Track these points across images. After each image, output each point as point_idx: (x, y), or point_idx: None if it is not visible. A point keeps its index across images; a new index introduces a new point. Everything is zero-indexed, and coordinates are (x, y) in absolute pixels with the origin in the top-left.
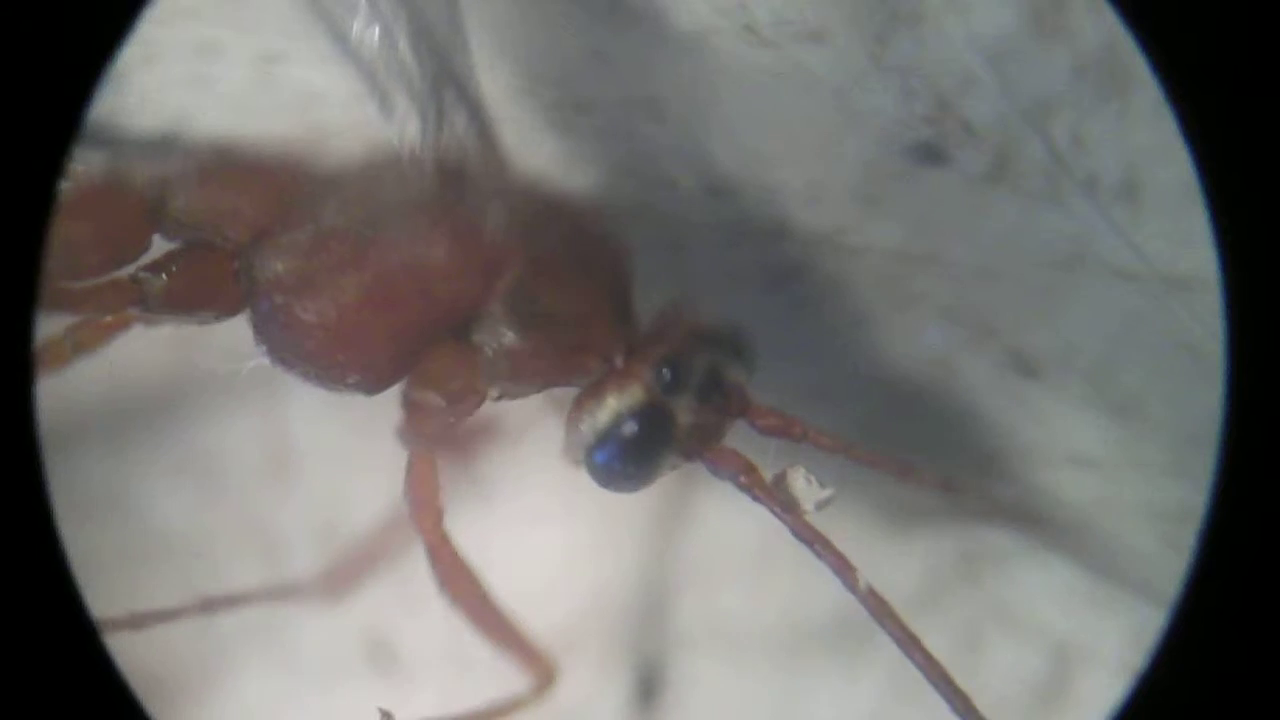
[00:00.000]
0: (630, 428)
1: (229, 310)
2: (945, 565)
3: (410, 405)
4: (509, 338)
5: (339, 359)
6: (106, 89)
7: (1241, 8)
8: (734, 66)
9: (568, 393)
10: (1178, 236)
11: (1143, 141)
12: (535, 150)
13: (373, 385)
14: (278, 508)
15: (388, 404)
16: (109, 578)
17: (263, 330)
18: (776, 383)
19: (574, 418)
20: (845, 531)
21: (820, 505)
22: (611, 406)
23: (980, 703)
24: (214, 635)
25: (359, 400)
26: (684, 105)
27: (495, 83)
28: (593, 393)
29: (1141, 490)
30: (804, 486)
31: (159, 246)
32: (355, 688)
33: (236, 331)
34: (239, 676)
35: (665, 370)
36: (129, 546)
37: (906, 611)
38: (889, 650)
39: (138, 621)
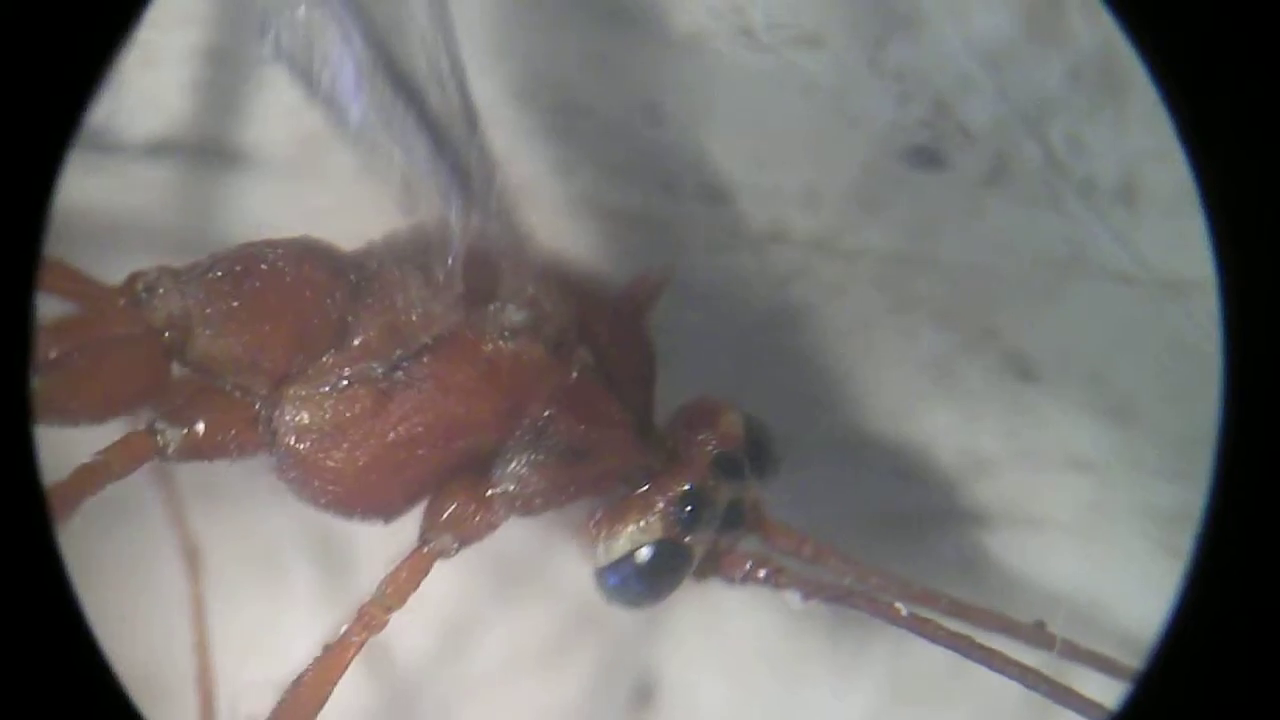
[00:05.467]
0: (646, 557)
1: (248, 454)
2: (942, 570)
3: (425, 537)
4: (529, 474)
5: (358, 501)
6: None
7: (1238, 10)
8: (731, 70)
9: None
10: (1175, 240)
11: (1140, 145)
12: (531, 155)
13: (388, 519)
14: (272, 516)
15: None
16: (104, 585)
17: (283, 473)
18: (775, 391)
19: (590, 534)
20: (844, 540)
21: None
22: (631, 535)
23: (978, 708)
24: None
25: None
26: (682, 109)
27: (493, 86)
28: (612, 516)
29: (1139, 493)
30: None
31: None
32: None
33: None
34: None
35: (686, 508)
36: (123, 555)
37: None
38: (884, 658)
39: None
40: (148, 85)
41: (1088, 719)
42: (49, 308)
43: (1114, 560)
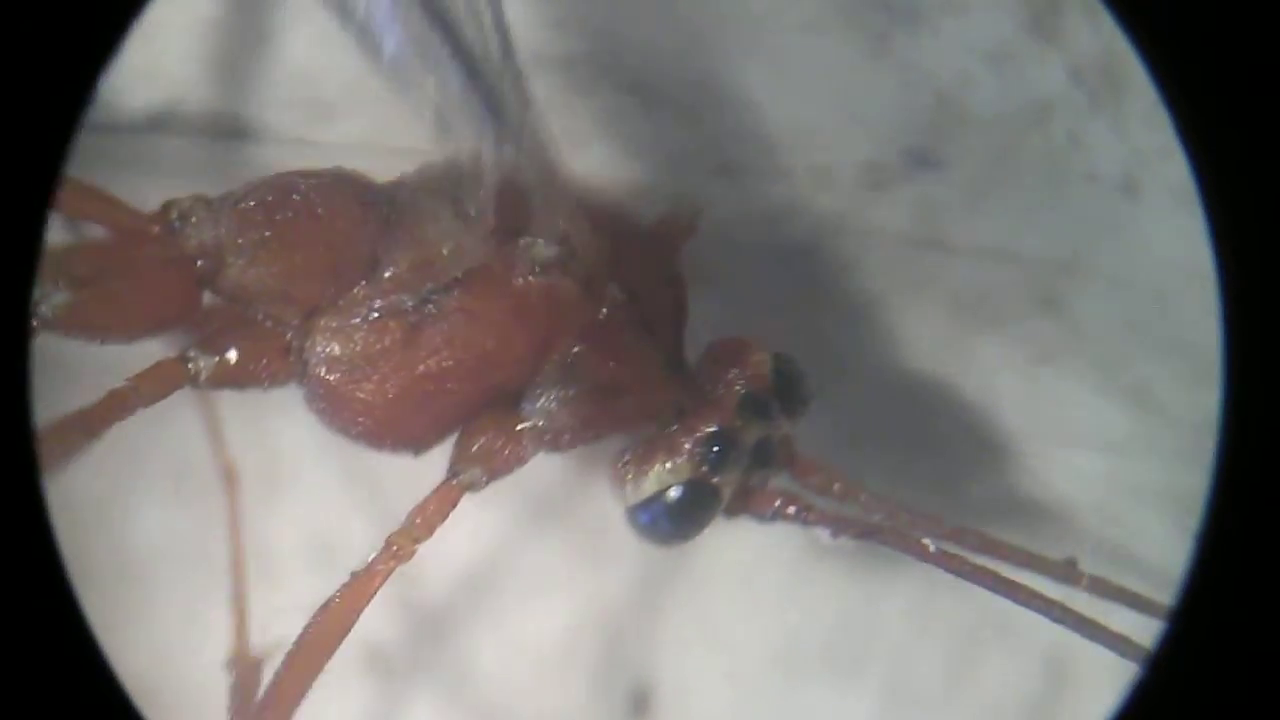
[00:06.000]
0: (675, 496)
1: (279, 383)
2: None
3: (454, 469)
4: (559, 410)
5: (388, 433)
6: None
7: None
8: (736, 54)
9: None
10: (1178, 232)
11: (1141, 142)
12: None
13: (418, 451)
14: (268, 520)
15: None
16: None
17: (313, 403)
18: None
19: (620, 473)
20: (841, 543)
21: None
22: (658, 475)
23: (977, 711)
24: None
25: None
26: (688, 90)
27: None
28: (640, 455)
29: (1157, 475)
30: None
31: None
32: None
33: None
34: None
35: (714, 448)
36: (119, 560)
37: (904, 620)
38: (883, 660)
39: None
40: (149, 57)
41: (1120, 655)
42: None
43: (1133, 541)
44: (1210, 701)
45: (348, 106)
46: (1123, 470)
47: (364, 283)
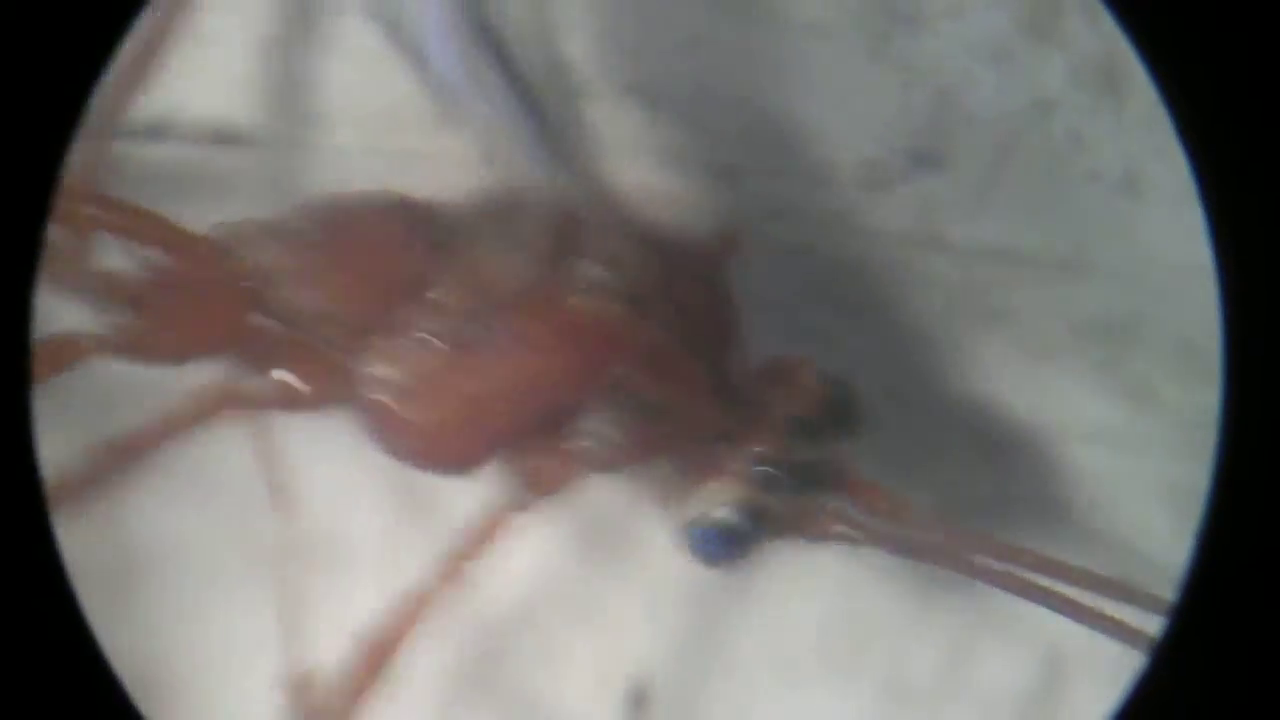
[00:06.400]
0: (723, 519)
1: (329, 405)
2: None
3: (504, 490)
4: (610, 432)
5: (437, 454)
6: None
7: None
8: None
9: None
10: (1178, 230)
11: (1141, 139)
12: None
13: (468, 473)
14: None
15: None
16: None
17: (363, 424)
18: None
19: (668, 493)
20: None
21: None
22: (709, 497)
23: (974, 709)
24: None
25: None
26: (682, 91)
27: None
28: (689, 476)
29: (1158, 471)
30: None
31: None
32: None
33: None
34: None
35: (764, 469)
36: (122, 560)
37: (900, 618)
38: (882, 659)
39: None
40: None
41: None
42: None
43: (1134, 537)
44: (1210, 700)
45: (345, 111)
46: (1123, 467)
47: (414, 304)
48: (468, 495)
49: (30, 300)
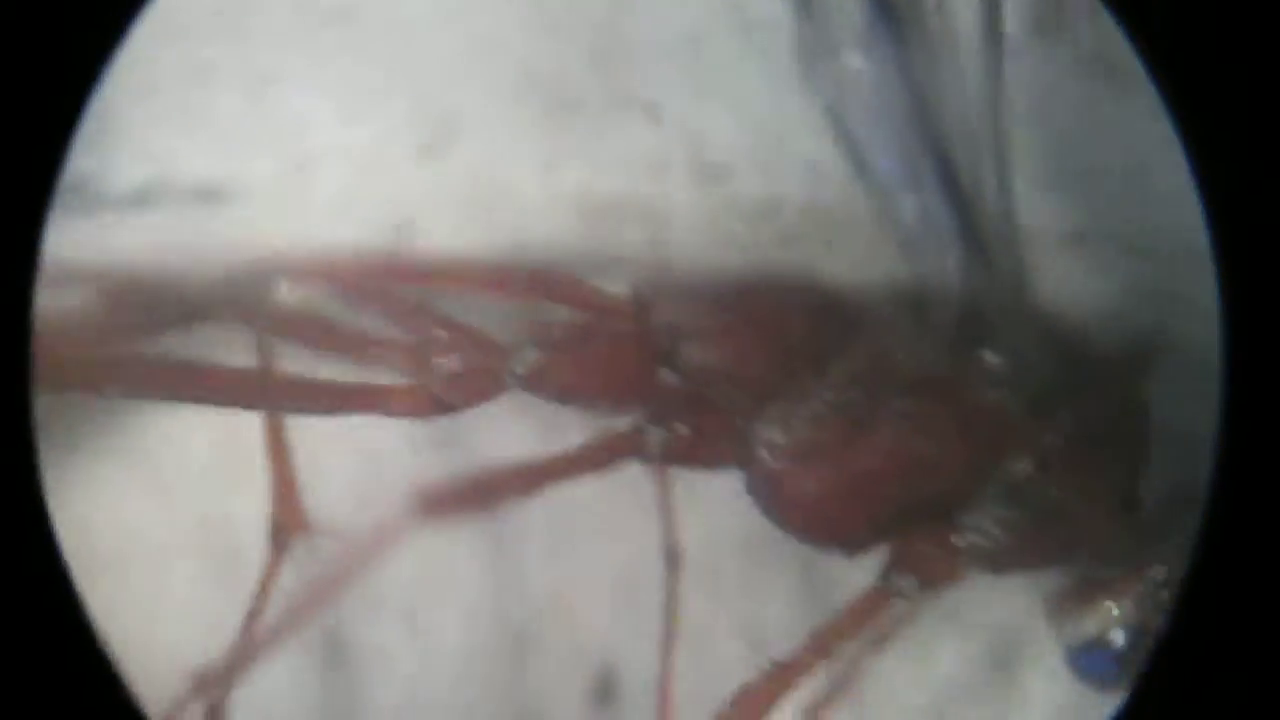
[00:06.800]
0: (1118, 642)
1: (723, 466)
2: None
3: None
4: (998, 530)
5: (822, 528)
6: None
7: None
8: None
9: None
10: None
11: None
12: (519, 150)
13: (851, 553)
14: (226, 505)
15: None
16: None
17: (753, 489)
18: None
19: (1058, 608)
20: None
21: None
22: (1101, 618)
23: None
24: None
25: None
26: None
27: (481, 83)
28: (1083, 592)
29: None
30: None
31: None
32: None
33: None
34: None
35: (1163, 591)
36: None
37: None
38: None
39: None
40: (139, 116)
41: None
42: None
43: None
44: (1210, 700)
45: (329, 160)
46: None
47: (817, 376)
48: None
49: (30, 300)
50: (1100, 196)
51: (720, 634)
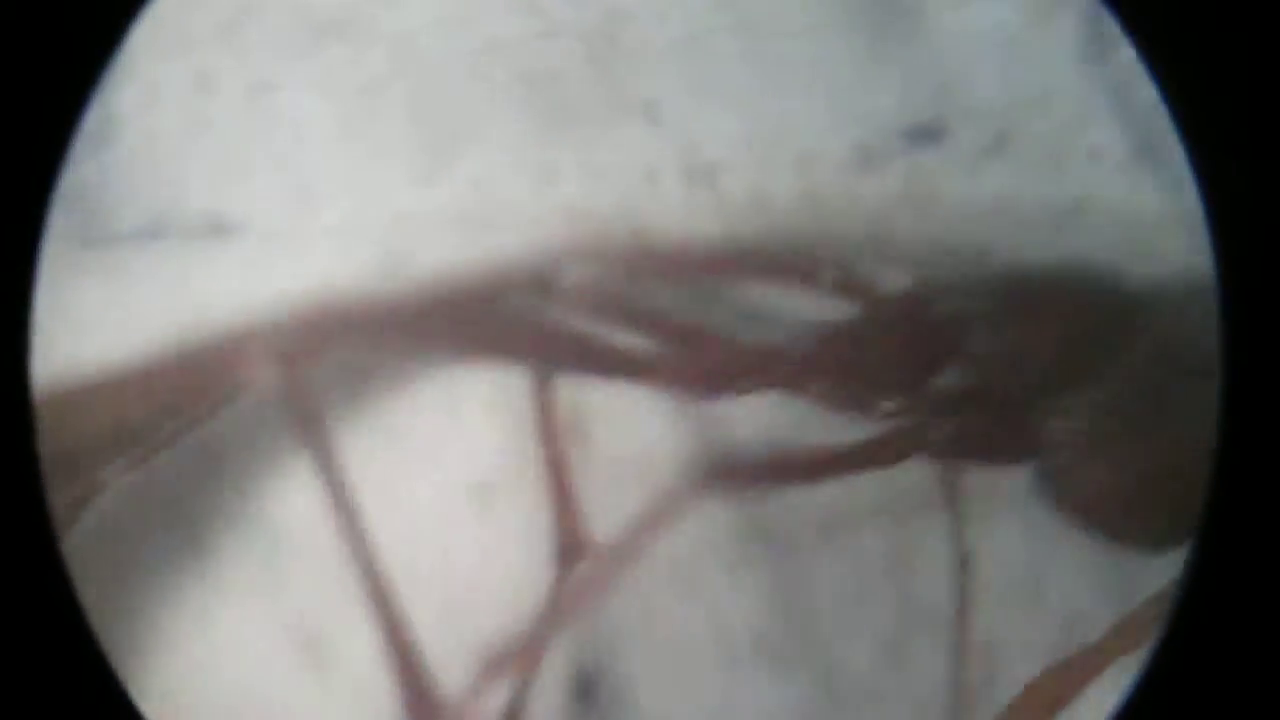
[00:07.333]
0: None
1: (1007, 463)
2: (871, 566)
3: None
4: None
5: (1123, 524)
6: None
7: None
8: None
9: None
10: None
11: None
12: (513, 163)
13: (1149, 548)
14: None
15: None
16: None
17: (1043, 484)
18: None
19: None
20: (775, 535)
21: None
22: None
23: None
24: None
25: None
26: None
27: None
28: None
29: None
30: None
31: None
32: None
33: None
34: None
35: None
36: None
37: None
38: (816, 650)
39: None
40: (144, 128)
41: None
42: None
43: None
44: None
45: (329, 191)
46: None
47: (1105, 365)
48: None
49: (30, 300)
50: None
51: (695, 635)
